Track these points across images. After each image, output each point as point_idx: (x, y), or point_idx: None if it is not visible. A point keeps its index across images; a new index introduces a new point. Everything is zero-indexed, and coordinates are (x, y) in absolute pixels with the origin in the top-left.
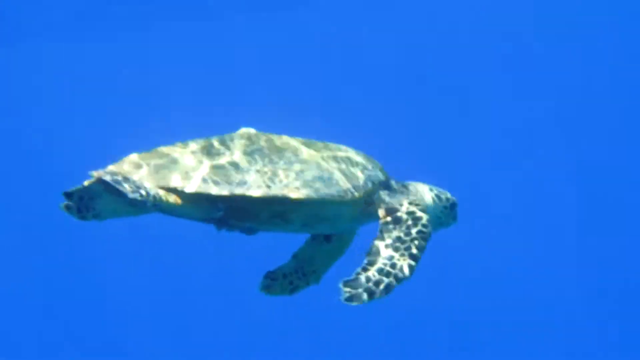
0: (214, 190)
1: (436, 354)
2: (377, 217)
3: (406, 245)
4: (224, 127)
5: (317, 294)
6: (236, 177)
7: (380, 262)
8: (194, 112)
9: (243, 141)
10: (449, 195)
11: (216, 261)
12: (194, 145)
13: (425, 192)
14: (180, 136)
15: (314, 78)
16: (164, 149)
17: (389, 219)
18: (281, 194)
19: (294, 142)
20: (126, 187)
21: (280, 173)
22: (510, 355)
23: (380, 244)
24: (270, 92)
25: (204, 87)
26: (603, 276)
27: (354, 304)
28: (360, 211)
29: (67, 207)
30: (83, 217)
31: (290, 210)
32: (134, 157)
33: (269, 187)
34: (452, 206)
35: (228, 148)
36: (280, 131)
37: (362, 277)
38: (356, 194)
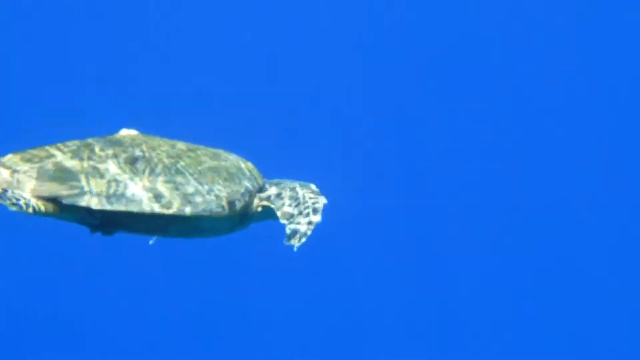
0: (93, 203)
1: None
2: (258, 219)
3: (298, 190)
4: (104, 128)
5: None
6: (116, 189)
7: (294, 209)
8: (71, 109)
9: (124, 147)
10: (315, 188)
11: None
12: (72, 148)
13: (297, 187)
14: (54, 137)
15: (198, 76)
16: (38, 152)
17: (272, 201)
18: (159, 211)
19: (175, 148)
20: (4, 200)
21: (160, 186)
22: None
23: (282, 209)
24: (153, 89)
25: (83, 80)
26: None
27: (305, 239)
28: (238, 220)
29: None
30: None
31: (168, 223)
32: (6, 160)
33: (147, 201)
34: None
35: (109, 154)
36: (163, 133)
37: (293, 224)
38: (236, 208)
